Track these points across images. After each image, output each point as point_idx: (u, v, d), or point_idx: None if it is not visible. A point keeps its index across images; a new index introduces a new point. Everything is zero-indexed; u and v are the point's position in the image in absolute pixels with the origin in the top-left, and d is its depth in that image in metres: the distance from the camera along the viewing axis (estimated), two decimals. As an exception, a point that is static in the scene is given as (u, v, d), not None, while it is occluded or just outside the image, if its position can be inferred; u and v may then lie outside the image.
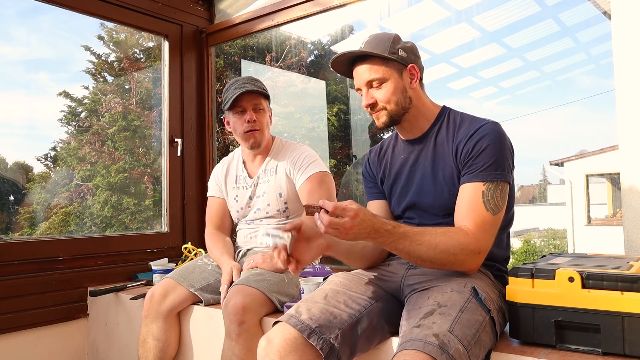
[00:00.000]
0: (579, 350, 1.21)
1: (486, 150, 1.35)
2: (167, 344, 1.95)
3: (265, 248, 2.08)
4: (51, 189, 5.35)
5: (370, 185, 1.64)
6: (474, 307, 1.22)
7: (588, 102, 40.12)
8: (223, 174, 2.21)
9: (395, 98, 1.44)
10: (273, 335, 1.26)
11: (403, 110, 1.46)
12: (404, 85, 1.45)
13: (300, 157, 2.03)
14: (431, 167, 1.46)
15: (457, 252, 1.28)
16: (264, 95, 2.05)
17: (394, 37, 1.46)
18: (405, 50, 1.45)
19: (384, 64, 1.43)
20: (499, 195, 1.34)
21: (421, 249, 1.26)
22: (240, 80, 2.03)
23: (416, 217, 1.50)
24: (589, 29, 8.67)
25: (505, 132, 1.42)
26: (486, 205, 1.32)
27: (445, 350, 1.07)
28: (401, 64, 1.44)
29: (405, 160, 1.53)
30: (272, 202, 2.07)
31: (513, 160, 1.42)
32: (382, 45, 1.43)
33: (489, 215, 1.32)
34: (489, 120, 1.42)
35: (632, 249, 1.67)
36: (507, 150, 1.38)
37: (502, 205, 1.35)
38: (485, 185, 1.34)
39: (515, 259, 12.34)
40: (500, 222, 1.37)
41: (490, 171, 1.34)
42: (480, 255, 1.32)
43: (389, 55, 1.42)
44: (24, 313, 2.25)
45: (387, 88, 1.44)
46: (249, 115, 2.00)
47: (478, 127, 1.39)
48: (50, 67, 5.05)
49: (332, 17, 2.85)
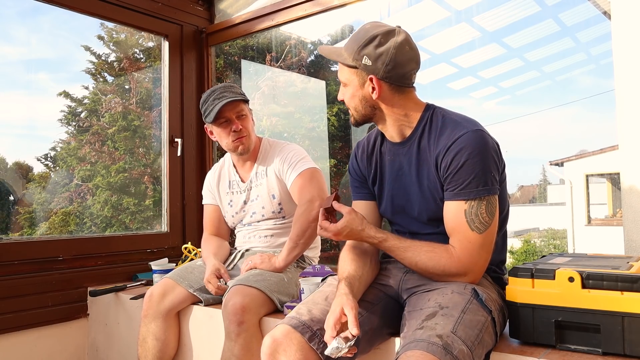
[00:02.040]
0: (579, 350, 1.21)
1: (465, 166, 1.27)
2: (166, 344, 1.95)
3: (265, 249, 2.09)
4: (51, 189, 5.35)
5: (356, 185, 1.56)
6: (476, 307, 1.22)
7: (588, 102, 40.06)
8: (215, 181, 2.21)
9: (353, 104, 1.40)
10: (276, 335, 1.26)
11: (364, 117, 1.41)
12: (364, 94, 1.37)
13: (288, 155, 2.03)
14: (416, 174, 1.40)
15: (438, 273, 1.30)
16: (244, 100, 2.04)
17: (367, 40, 1.33)
18: (372, 57, 1.32)
19: (348, 68, 1.37)
20: (484, 211, 1.27)
21: (405, 263, 1.34)
22: (217, 90, 2.00)
23: (405, 224, 1.46)
24: (589, 29, 8.68)
25: (487, 138, 1.32)
26: (470, 224, 1.27)
27: (449, 351, 1.06)
28: (365, 73, 1.35)
29: (392, 162, 1.46)
30: (267, 205, 2.07)
31: (499, 165, 1.33)
32: (353, 47, 1.35)
33: (474, 235, 1.27)
34: (469, 128, 1.31)
35: (632, 249, 1.67)
36: (489, 160, 1.29)
37: (489, 220, 1.28)
38: (467, 203, 1.28)
39: (515, 259, 12.34)
40: (493, 236, 1.31)
41: (472, 188, 1.27)
42: (470, 276, 1.29)
43: (351, 62, 1.35)
44: (24, 313, 2.25)
45: (347, 92, 1.41)
46: (235, 125, 1.99)
47: (456, 138, 1.29)
48: (50, 67, 5.05)
49: (332, 17, 2.84)
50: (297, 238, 1.87)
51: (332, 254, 4.96)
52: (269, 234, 2.10)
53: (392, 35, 1.33)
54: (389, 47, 1.32)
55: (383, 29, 1.34)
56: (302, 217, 1.87)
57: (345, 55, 1.37)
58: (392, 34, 1.33)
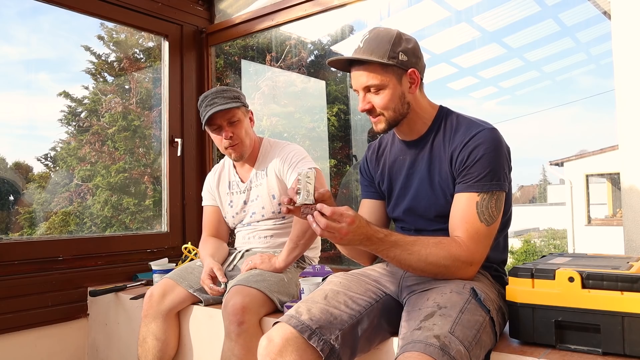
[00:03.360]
0: (579, 350, 1.21)
1: (481, 160, 1.32)
2: (166, 344, 1.95)
3: (265, 249, 2.09)
4: (51, 189, 5.35)
5: (366, 184, 1.62)
6: (474, 307, 1.22)
7: (588, 102, 40.12)
8: (215, 182, 2.21)
9: (393, 105, 1.39)
10: (274, 335, 1.25)
11: (401, 116, 1.42)
12: (403, 91, 1.39)
13: (288, 155, 2.03)
14: (428, 171, 1.43)
15: (448, 264, 1.28)
16: (237, 106, 1.99)
17: (395, 38, 1.36)
18: (406, 53, 1.37)
19: (383, 69, 1.36)
20: (493, 205, 1.32)
21: (412, 259, 1.28)
22: (210, 96, 1.97)
23: (412, 221, 1.48)
24: (589, 29, 8.68)
25: (502, 138, 1.38)
26: (480, 216, 1.30)
27: (446, 351, 1.06)
28: (401, 69, 1.37)
29: (402, 162, 1.50)
30: (267, 205, 2.07)
31: (510, 165, 1.39)
32: (381, 47, 1.35)
33: (483, 226, 1.30)
34: (486, 126, 1.37)
35: (632, 249, 1.67)
36: (503, 158, 1.35)
37: (497, 215, 1.33)
38: (479, 195, 1.32)
39: (515, 259, 12.35)
40: (495, 232, 1.35)
41: (486, 181, 1.32)
42: (473, 267, 1.31)
43: (387, 61, 1.34)
44: (24, 313, 2.25)
45: (385, 95, 1.38)
46: (225, 132, 1.97)
47: (474, 134, 1.35)
48: (50, 67, 5.04)
49: (332, 17, 2.84)
50: (297, 239, 1.87)
51: (332, 254, 4.96)
52: (269, 234, 2.10)
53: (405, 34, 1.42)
54: (414, 41, 1.41)
55: (396, 30, 1.40)
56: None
57: (377, 57, 1.35)
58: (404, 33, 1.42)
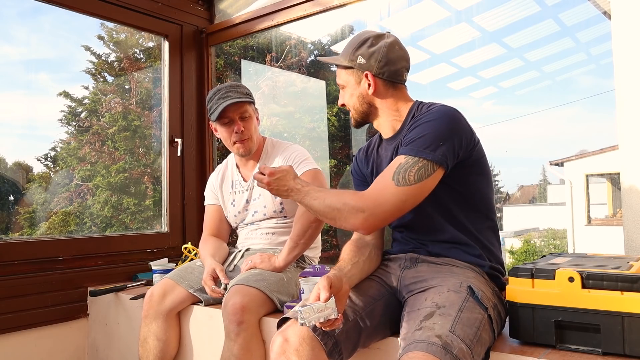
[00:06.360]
0: (579, 350, 1.21)
1: (421, 126, 1.34)
2: (167, 344, 1.95)
3: (265, 246, 2.09)
4: (51, 189, 5.35)
5: (358, 184, 1.66)
6: (472, 305, 1.22)
7: (588, 102, 40.14)
8: (218, 182, 2.21)
9: (352, 103, 1.51)
10: (290, 334, 1.26)
11: (364, 114, 1.51)
12: (361, 92, 1.48)
13: (291, 156, 2.04)
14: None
15: (340, 207, 1.32)
16: (249, 101, 2.03)
17: (359, 42, 1.46)
18: (366, 56, 1.44)
19: (345, 70, 1.49)
20: (413, 171, 1.28)
21: (315, 203, 1.36)
22: (223, 89, 1.99)
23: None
24: (589, 29, 8.69)
25: (457, 115, 1.36)
26: (394, 174, 1.29)
27: (448, 350, 1.07)
28: (360, 71, 1.46)
29: (385, 158, 1.53)
30: (268, 204, 2.07)
31: (456, 145, 1.32)
32: (347, 50, 1.47)
33: (391, 183, 1.28)
34: (441, 105, 1.40)
35: (632, 249, 1.67)
36: (447, 130, 1.31)
37: (413, 182, 1.27)
38: (405, 158, 1.30)
39: (515, 259, 12.36)
40: (407, 198, 1.28)
41: (414, 146, 1.31)
42: (365, 214, 1.28)
43: (348, 63, 1.47)
44: (24, 313, 2.25)
45: (346, 94, 1.52)
46: (237, 126, 1.99)
47: (426, 111, 1.39)
48: (50, 67, 5.05)
49: (332, 17, 2.84)
50: (297, 238, 1.88)
51: (332, 254, 4.96)
52: (270, 232, 2.10)
53: (383, 38, 1.47)
54: (380, 46, 1.45)
55: (374, 33, 1.48)
56: (302, 217, 1.87)
57: (341, 59, 1.49)
58: (382, 37, 1.47)
